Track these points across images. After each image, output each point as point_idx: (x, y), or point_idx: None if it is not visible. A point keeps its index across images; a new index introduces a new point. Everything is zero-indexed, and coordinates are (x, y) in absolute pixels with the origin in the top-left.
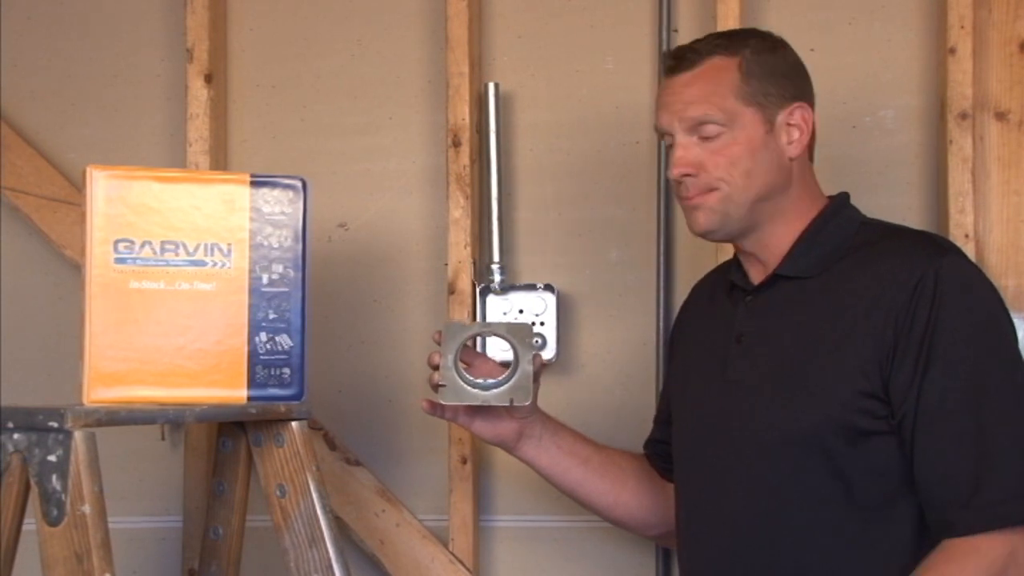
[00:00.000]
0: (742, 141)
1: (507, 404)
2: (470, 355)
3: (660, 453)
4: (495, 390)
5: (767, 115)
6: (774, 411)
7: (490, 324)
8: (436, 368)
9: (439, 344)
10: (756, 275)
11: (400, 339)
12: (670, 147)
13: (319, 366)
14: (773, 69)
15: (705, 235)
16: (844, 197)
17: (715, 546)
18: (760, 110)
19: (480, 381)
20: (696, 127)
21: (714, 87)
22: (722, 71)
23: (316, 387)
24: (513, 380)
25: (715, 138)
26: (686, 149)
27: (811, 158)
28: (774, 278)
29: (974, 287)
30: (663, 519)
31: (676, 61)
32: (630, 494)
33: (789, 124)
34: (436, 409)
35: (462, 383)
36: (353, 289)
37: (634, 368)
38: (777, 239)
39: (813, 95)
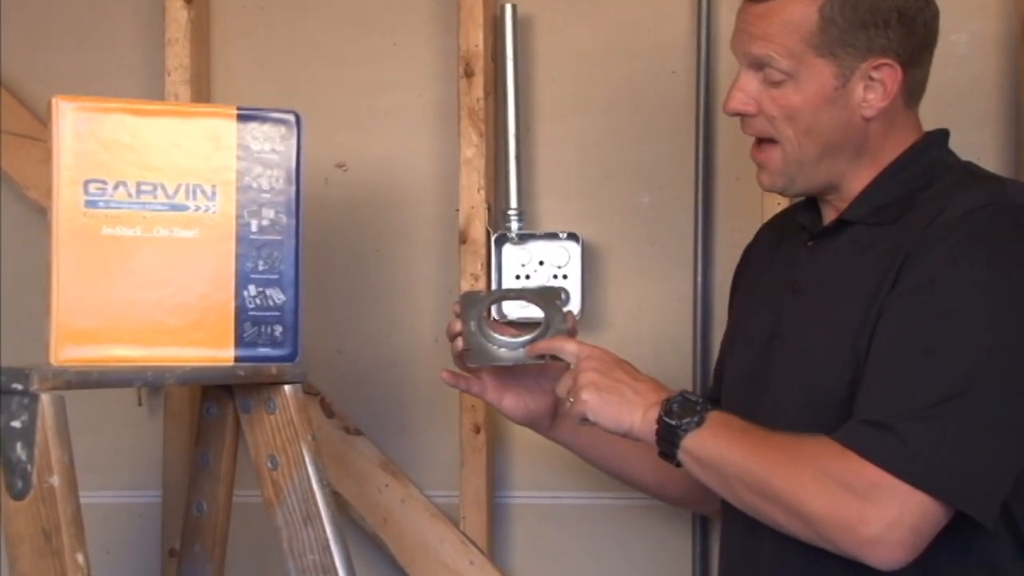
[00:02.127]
0: (806, 94)
1: (542, 362)
2: (487, 323)
3: None
4: (525, 352)
5: (842, 69)
6: (801, 371)
7: (513, 289)
8: (458, 336)
9: (458, 315)
10: (829, 216)
11: (405, 293)
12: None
13: (315, 324)
14: (865, 16)
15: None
16: (936, 137)
17: (744, 518)
18: (834, 62)
19: (509, 340)
20: (759, 66)
21: (785, 29)
22: (799, 12)
23: (312, 347)
24: (548, 334)
25: (778, 84)
26: (745, 84)
27: (916, 102)
28: (839, 223)
29: (996, 243)
30: None
31: None
32: None
33: (869, 80)
34: (459, 381)
35: (490, 345)
36: (353, 237)
37: (669, 328)
38: (852, 184)
39: (924, 44)
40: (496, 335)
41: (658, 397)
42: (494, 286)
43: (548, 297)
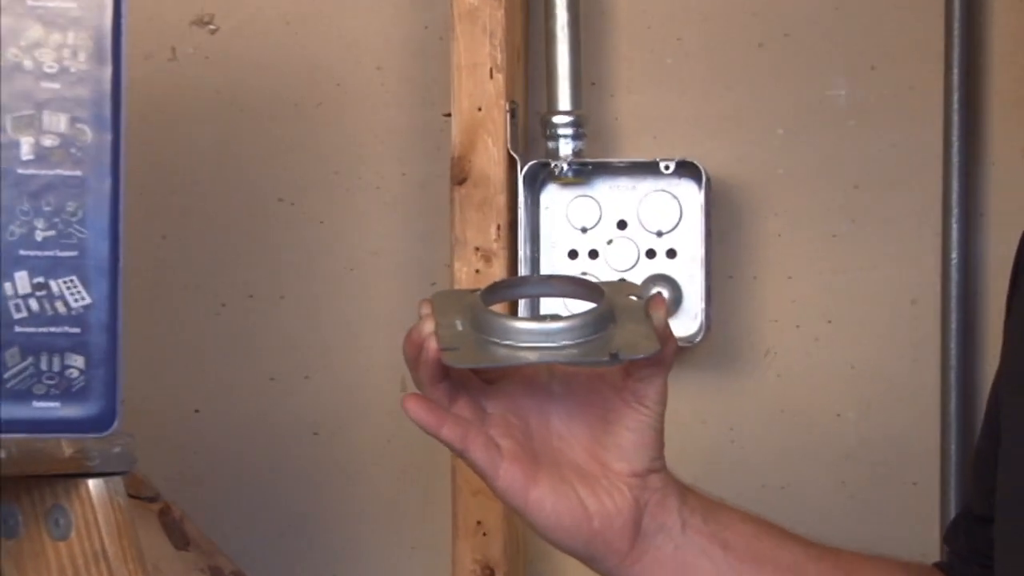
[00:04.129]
0: None
1: (604, 361)
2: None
3: (983, 549)
4: (569, 343)
5: None
6: None
7: (535, 277)
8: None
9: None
10: None
11: (341, 291)
12: None
13: (150, 353)
14: None
15: None
16: None
17: None
18: None
19: (537, 326)
20: None
21: None
22: None
23: (144, 402)
24: (612, 328)
25: None
26: None
27: None
28: None
29: None
30: None
31: None
32: None
33: None
34: (439, 419)
35: (494, 340)
36: (233, 174)
37: (893, 359)
38: None
39: None
40: (509, 321)
41: None
42: (523, 270)
43: (610, 287)
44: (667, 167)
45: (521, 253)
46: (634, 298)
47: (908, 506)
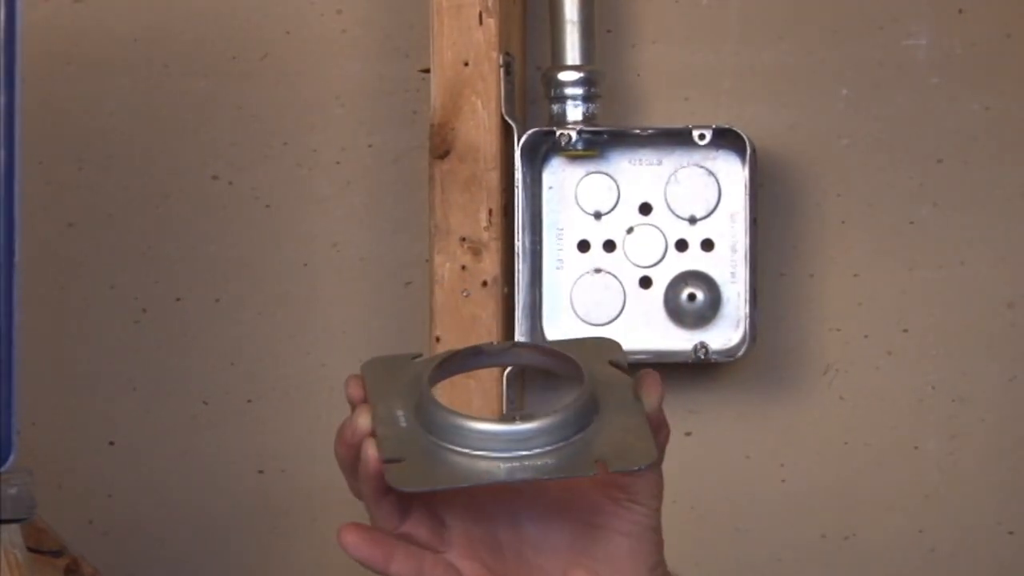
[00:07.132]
0: None
1: (588, 475)
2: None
3: None
4: (542, 451)
5: None
6: None
7: (494, 347)
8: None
9: (360, 401)
10: None
11: (287, 291)
12: None
13: (55, 371)
14: None
15: None
16: None
17: None
18: None
19: (508, 428)
20: None
21: None
22: None
23: (46, 430)
24: (596, 422)
25: None
26: None
27: None
28: None
29: None
30: None
31: None
32: None
33: None
34: (381, 549)
35: (440, 441)
36: (151, 144)
37: (981, 378)
38: None
39: None
40: (465, 422)
41: None
42: (521, 265)
43: (585, 354)
44: (702, 136)
45: (518, 245)
46: (616, 368)
47: (1003, 561)
